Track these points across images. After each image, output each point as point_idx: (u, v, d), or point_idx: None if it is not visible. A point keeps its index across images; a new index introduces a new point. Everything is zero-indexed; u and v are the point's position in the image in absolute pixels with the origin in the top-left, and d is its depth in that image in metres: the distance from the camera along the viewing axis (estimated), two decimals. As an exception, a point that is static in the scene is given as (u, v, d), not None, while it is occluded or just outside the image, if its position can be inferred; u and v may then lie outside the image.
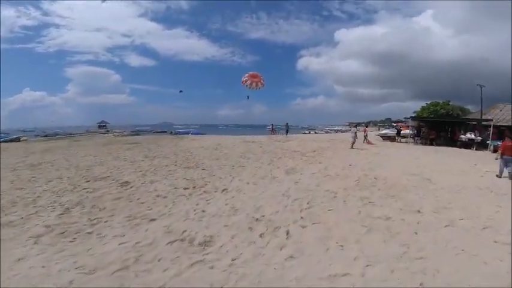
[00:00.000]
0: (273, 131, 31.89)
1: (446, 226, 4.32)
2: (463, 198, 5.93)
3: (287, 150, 14.78)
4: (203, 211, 5.22)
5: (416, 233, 4.11)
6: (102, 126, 62.50)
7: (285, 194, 6.29)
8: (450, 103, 24.75)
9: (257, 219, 4.78)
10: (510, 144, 8.83)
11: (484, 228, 4.28)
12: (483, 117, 21.68)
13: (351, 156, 12.74)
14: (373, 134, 30.12)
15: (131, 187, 6.95)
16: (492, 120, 19.13)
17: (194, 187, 7.08)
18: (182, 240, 3.95)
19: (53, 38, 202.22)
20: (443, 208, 5.20)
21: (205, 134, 38.86)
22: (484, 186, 6.99)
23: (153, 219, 4.75)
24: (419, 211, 4.98)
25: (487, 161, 11.72)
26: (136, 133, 42.04)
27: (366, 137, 21.82)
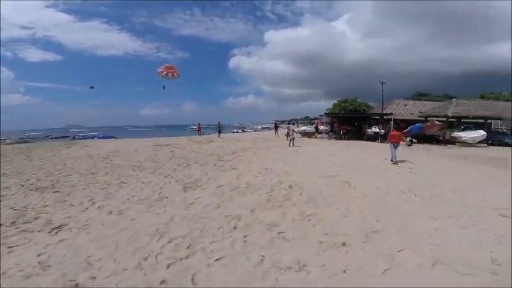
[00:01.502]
0: (200, 131, 29.18)
1: (384, 272, 2.91)
2: (391, 210, 4.91)
3: (203, 154, 12.63)
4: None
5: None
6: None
7: (160, 230, 4.08)
8: (357, 100, 27.16)
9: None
10: (396, 133, 10.49)
11: (434, 264, 3.05)
12: (384, 111, 24.19)
13: (270, 156, 11.46)
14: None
15: None
16: (392, 114, 21.33)
17: (13, 223, 4.22)
18: None
19: None
20: (375, 232, 3.93)
21: (115, 137, 33.19)
22: (405, 187, 6.32)
23: None
24: (344, 244, 3.53)
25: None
26: (24, 140, 32.13)
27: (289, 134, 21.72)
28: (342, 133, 22.92)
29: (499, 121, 25.18)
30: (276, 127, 27.72)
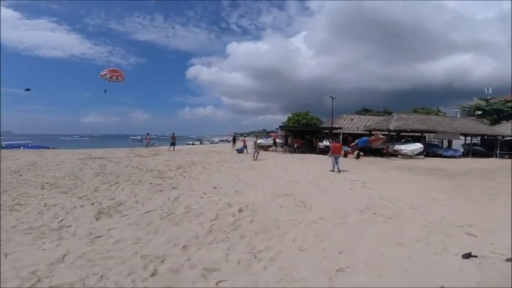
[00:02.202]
0: (148, 142, 26.50)
1: None
2: (354, 236, 4.18)
3: (141, 169, 10.81)
4: None
5: None
6: None
7: (39, 273, 2.66)
8: (309, 114, 27.91)
9: None
10: (337, 145, 11.71)
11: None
12: (333, 126, 25.10)
13: (222, 172, 10.30)
14: (250, 143, 30.37)
15: None
16: (341, 128, 22.12)
17: None
18: None
19: None
20: (340, 271, 3.06)
21: (47, 147, 28.27)
22: (363, 205, 5.78)
23: None
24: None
25: (343, 166, 12.14)
26: None
27: (245, 148, 20.94)
28: (295, 146, 23.00)
29: (432, 134, 28.38)
30: (234, 140, 26.82)
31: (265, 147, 25.46)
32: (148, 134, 28.35)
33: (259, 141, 30.70)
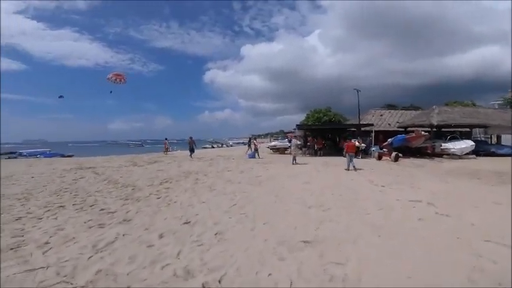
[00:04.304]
0: (166, 148, 24.53)
1: None
2: None
3: (118, 183, 8.54)
4: None
5: None
6: None
7: None
8: (331, 110, 24.57)
9: None
10: (351, 144, 11.59)
11: None
12: (361, 122, 21.57)
13: (215, 188, 7.50)
14: (263, 145, 27.35)
15: None
16: (373, 125, 18.59)
17: None
18: None
19: None
20: None
21: (63, 155, 28.50)
22: (463, 274, 2.73)
23: None
24: None
25: (382, 172, 9.05)
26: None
27: (257, 151, 18.10)
28: (316, 148, 19.75)
29: (477, 130, 23.84)
30: (250, 142, 23.19)
31: (281, 150, 22.43)
32: (166, 139, 25.83)
33: (273, 143, 27.71)
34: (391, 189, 6.92)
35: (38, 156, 26.93)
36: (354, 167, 10.92)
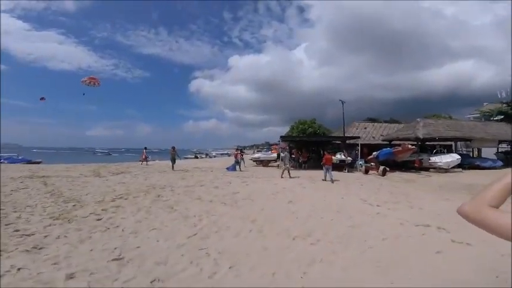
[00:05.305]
0: (145, 158, 21.87)
1: None
2: None
3: (60, 198, 6.92)
4: None
5: None
6: None
7: None
8: (316, 122, 23.91)
9: None
10: (329, 157, 11.91)
11: None
12: (346, 135, 20.96)
13: (177, 209, 6.10)
14: (247, 157, 26.04)
15: None
16: (360, 138, 17.94)
17: None
18: None
19: None
20: None
21: (30, 161, 26.19)
22: None
23: None
24: None
25: (373, 188, 8.03)
26: None
27: (238, 163, 16.71)
28: (300, 161, 18.79)
29: (458, 143, 23.92)
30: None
31: (265, 163, 21.24)
32: (145, 149, 23.17)
33: (256, 155, 26.38)
34: (389, 210, 5.87)
35: (2, 161, 24.38)
36: (331, 178, 11.00)
